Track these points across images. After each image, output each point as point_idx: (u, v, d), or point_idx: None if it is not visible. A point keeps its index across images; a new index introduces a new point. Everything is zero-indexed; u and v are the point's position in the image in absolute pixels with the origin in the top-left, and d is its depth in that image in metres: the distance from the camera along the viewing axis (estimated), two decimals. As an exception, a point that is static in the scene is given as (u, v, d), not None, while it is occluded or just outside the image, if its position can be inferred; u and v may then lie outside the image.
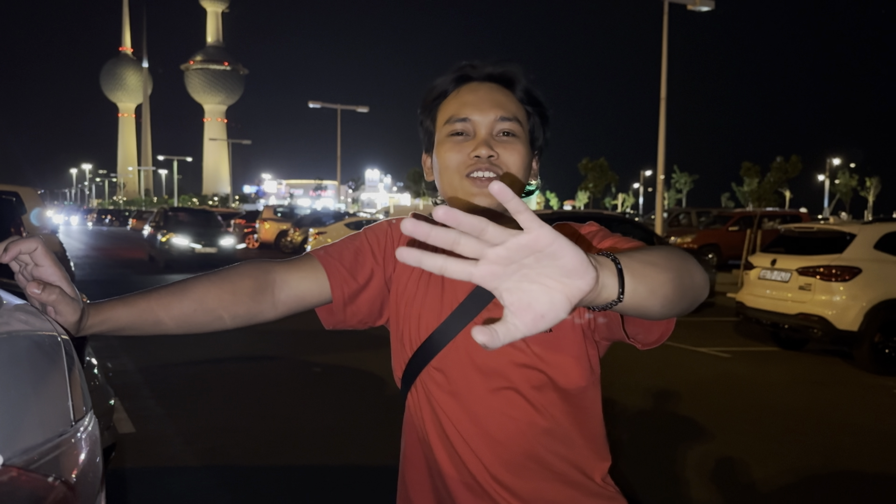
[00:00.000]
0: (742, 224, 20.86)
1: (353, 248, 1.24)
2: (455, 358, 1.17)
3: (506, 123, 1.19)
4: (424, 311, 1.20)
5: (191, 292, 1.09)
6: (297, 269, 1.19)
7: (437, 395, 1.18)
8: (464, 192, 1.17)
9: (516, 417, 1.15)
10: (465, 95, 1.21)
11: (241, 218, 32.50)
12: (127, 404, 5.54)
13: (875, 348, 7.66)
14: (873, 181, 75.51)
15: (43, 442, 0.71)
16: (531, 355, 1.16)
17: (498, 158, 1.17)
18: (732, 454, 4.85)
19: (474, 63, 1.24)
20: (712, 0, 18.34)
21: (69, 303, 0.96)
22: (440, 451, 1.19)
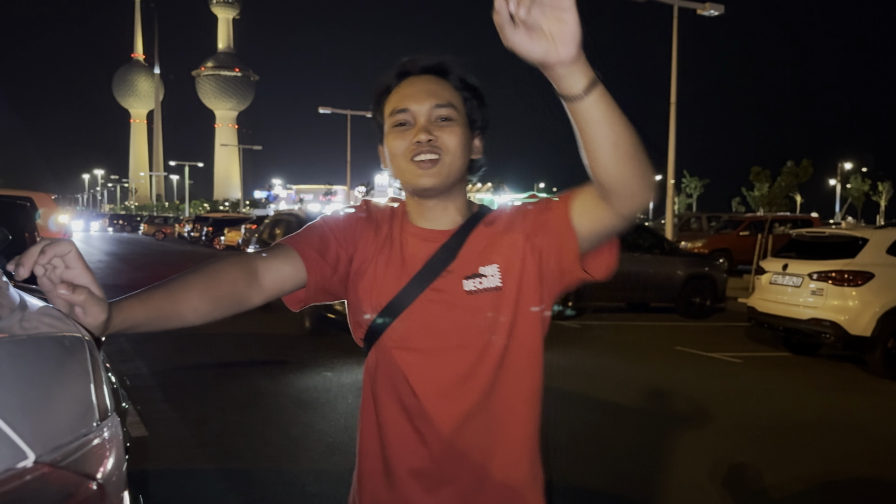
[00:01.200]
0: (753, 229, 20.76)
1: (318, 234, 1.37)
2: (413, 318, 1.31)
3: (442, 109, 1.32)
4: (386, 279, 1.34)
5: (194, 285, 1.18)
6: (274, 256, 1.31)
7: (396, 353, 1.32)
8: (410, 174, 1.31)
9: (463, 372, 1.30)
10: (405, 89, 1.34)
11: (252, 223, 32.63)
12: (140, 408, 5.57)
13: (888, 353, 7.61)
14: (885, 186, 74.98)
15: (71, 440, 0.73)
16: (481, 317, 1.30)
17: (437, 141, 1.30)
18: (745, 460, 4.83)
19: (413, 59, 1.38)
20: (721, 4, 18.32)
21: (97, 303, 1.00)
22: (391, 403, 1.32)
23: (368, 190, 79.00)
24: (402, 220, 1.41)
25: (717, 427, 5.57)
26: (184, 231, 44.11)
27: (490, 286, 1.31)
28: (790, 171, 21.45)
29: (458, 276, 1.32)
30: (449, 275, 1.32)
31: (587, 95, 1.00)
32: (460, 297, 1.31)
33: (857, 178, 72.41)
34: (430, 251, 1.35)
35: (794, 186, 22.09)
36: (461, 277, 1.32)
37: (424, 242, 1.36)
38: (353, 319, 1.39)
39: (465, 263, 1.33)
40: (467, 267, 1.33)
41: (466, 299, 1.31)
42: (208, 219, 40.19)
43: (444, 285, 1.32)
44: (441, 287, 1.31)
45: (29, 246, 4.22)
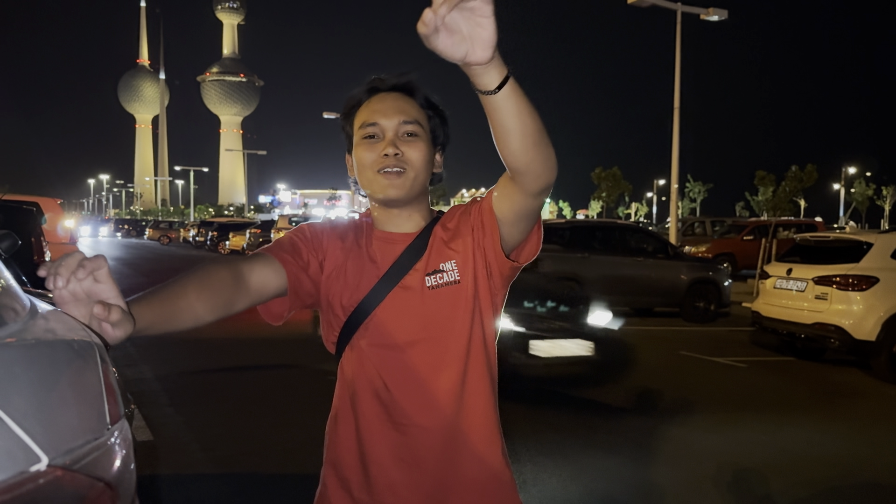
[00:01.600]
0: (757, 233, 20.74)
1: (289, 242, 1.45)
2: (384, 315, 1.40)
3: (408, 126, 1.41)
4: (356, 280, 1.43)
5: (189, 289, 1.22)
6: (256, 262, 1.37)
7: (368, 349, 1.41)
8: (377, 185, 1.41)
9: (433, 363, 1.39)
10: (375, 104, 1.43)
11: (256, 227, 32.72)
12: (145, 412, 5.59)
13: (893, 358, 7.59)
14: (889, 190, 74.80)
15: (83, 443, 0.74)
16: (443, 310, 1.41)
17: (403, 155, 1.39)
18: (749, 465, 4.83)
19: (382, 77, 1.47)
20: (724, 9, 18.33)
21: (128, 320, 1.01)
22: (367, 397, 1.41)
23: (372, 194, 78.80)
24: (367, 227, 1.51)
25: (721, 432, 5.56)
26: (189, 236, 44.23)
27: (450, 280, 1.41)
28: (794, 176, 21.43)
29: (421, 273, 1.42)
30: (415, 272, 1.42)
31: (500, 90, 1.10)
32: (423, 292, 1.41)
33: (862, 183, 72.23)
34: (396, 252, 1.44)
35: (799, 191, 22.06)
36: (423, 274, 1.42)
37: (391, 245, 1.46)
38: (326, 322, 1.49)
39: (427, 261, 1.43)
40: (430, 264, 1.43)
41: (429, 294, 1.41)
42: (213, 223, 40.28)
43: (410, 282, 1.41)
44: (407, 284, 1.41)
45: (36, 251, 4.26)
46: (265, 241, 30.27)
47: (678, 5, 18.04)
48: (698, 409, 6.29)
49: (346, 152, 1.52)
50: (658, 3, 17.71)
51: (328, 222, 1.54)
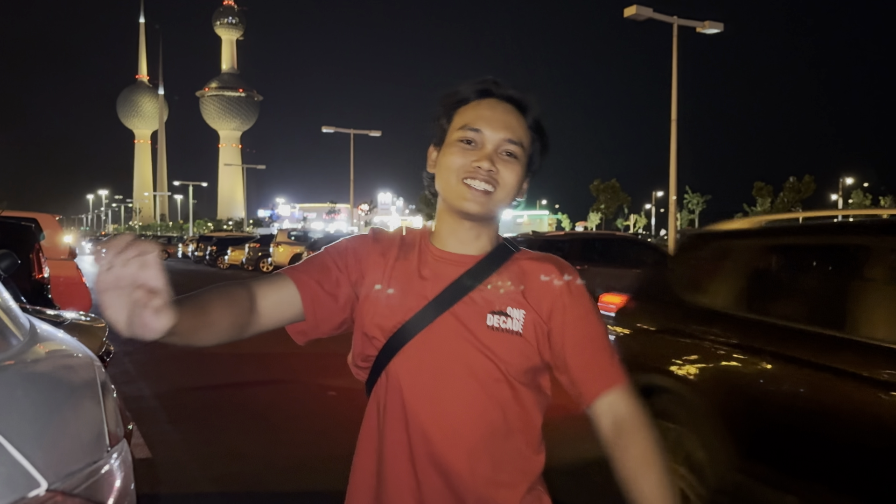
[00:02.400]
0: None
1: (317, 264, 1.34)
2: (428, 343, 1.28)
3: (511, 145, 1.31)
4: (400, 300, 1.31)
5: (213, 305, 1.15)
6: (271, 284, 1.29)
7: (405, 377, 1.28)
8: (457, 194, 1.30)
9: (471, 403, 1.27)
10: (484, 110, 1.32)
11: (255, 242, 32.73)
12: (143, 429, 5.57)
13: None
14: (887, 200, 74.92)
15: (83, 467, 0.74)
16: (492, 351, 1.28)
17: (497, 174, 1.29)
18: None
19: (498, 81, 1.35)
20: (720, 22, 18.46)
21: (168, 310, 0.93)
22: (396, 429, 1.29)
23: (371, 207, 79.19)
24: (421, 242, 1.38)
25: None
26: (187, 251, 44.25)
27: (512, 329, 1.29)
28: (792, 187, 21.50)
29: (482, 307, 1.29)
30: (472, 303, 1.29)
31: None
32: (481, 329, 1.28)
33: (859, 193, 72.38)
34: (454, 274, 1.31)
35: (797, 202, 22.09)
36: (486, 310, 1.29)
37: (448, 265, 1.33)
38: (360, 343, 1.35)
39: (492, 296, 1.30)
40: (494, 301, 1.30)
41: (487, 333, 1.28)
42: (212, 238, 40.32)
43: (466, 313, 1.29)
44: (462, 314, 1.29)
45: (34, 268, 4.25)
46: (264, 255, 30.31)
47: (674, 19, 18.18)
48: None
49: (433, 144, 1.39)
50: (655, 16, 17.82)
51: (371, 235, 1.41)
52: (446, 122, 1.35)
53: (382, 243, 1.38)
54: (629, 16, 17.63)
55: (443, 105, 1.37)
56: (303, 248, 27.83)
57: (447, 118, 1.36)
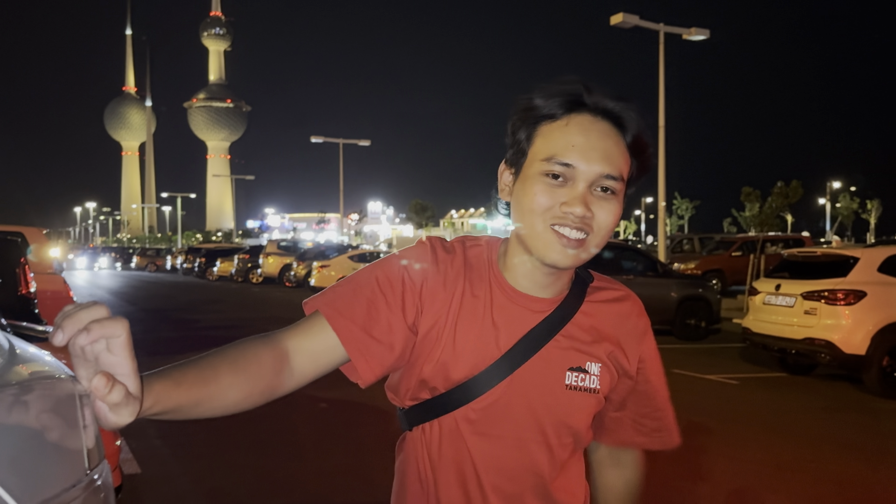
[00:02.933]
0: (745, 249, 20.84)
1: (365, 301, 1.10)
2: (499, 401, 1.12)
3: (609, 181, 1.07)
4: (469, 349, 1.12)
5: (224, 373, 0.97)
6: (305, 332, 1.09)
7: (469, 436, 1.13)
8: (543, 242, 1.08)
9: (536, 470, 1.15)
10: (574, 136, 1.07)
11: (244, 253, 32.61)
12: (133, 444, 5.51)
13: (883, 372, 7.61)
14: (874, 204, 75.60)
15: (60, 492, 0.72)
16: (569, 414, 1.15)
17: (591, 219, 1.07)
18: (743, 483, 4.80)
19: (590, 87, 1.10)
20: (707, 28, 18.59)
21: (129, 404, 0.80)
22: (454, 489, 1.15)
23: (361, 217, 79.19)
24: (491, 273, 1.16)
25: (713, 450, 5.54)
26: (176, 263, 44.05)
27: (590, 386, 1.15)
28: (780, 192, 21.65)
29: (560, 363, 1.14)
30: (549, 358, 1.13)
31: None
32: (559, 389, 1.14)
33: (847, 197, 72.98)
34: (529, 321, 1.13)
35: (785, 206, 22.26)
36: (565, 367, 1.14)
37: (522, 310, 1.14)
38: (412, 384, 1.16)
39: (570, 350, 1.15)
40: (572, 355, 1.15)
41: (564, 394, 1.14)
42: (201, 250, 40.14)
43: (543, 370, 1.13)
44: (538, 371, 1.12)
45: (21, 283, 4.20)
46: (253, 266, 30.19)
47: (661, 26, 18.28)
48: (691, 428, 6.26)
49: (505, 162, 1.16)
50: (641, 24, 17.93)
51: (431, 254, 1.15)
52: (526, 142, 1.11)
53: (444, 268, 1.15)
54: (616, 23, 17.72)
55: (520, 117, 1.12)
56: (292, 258, 27.74)
57: (527, 136, 1.11)
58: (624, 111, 1.10)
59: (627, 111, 1.10)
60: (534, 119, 1.10)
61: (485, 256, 1.18)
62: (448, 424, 1.14)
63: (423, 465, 1.17)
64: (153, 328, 13.70)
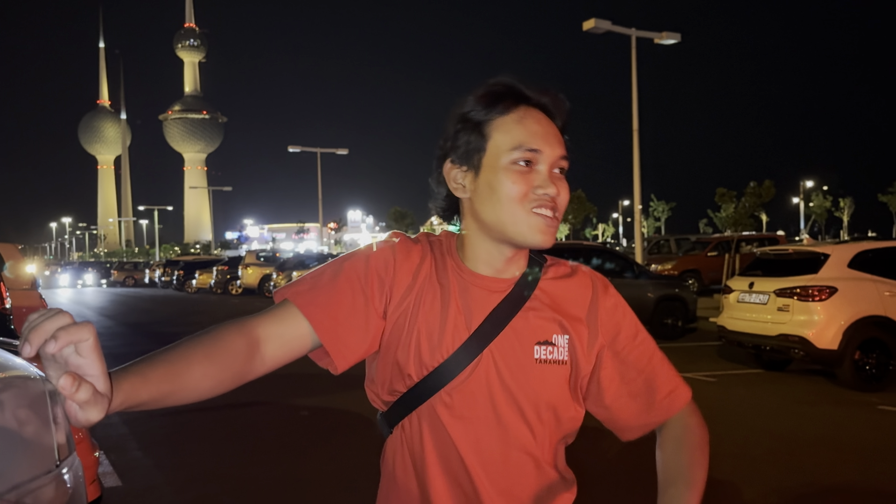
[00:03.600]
0: (720, 249, 21.10)
1: (336, 290, 1.14)
2: (472, 381, 1.15)
3: (564, 161, 1.17)
4: (438, 333, 1.15)
5: (195, 360, 1.00)
6: (277, 321, 1.11)
7: (449, 421, 1.16)
8: (529, 226, 1.13)
9: (519, 446, 1.18)
10: (532, 124, 1.15)
11: (223, 264, 32.39)
12: (113, 457, 5.47)
13: (856, 365, 7.76)
14: (847, 202, 76.74)
15: (31, 479, 0.75)
16: (542, 387, 1.18)
17: (558, 196, 1.15)
18: (721, 477, 4.87)
19: (525, 83, 1.18)
20: (678, 32, 18.83)
21: (97, 402, 0.83)
22: (441, 478, 1.17)
23: (340, 226, 78.88)
24: (451, 260, 1.22)
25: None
26: (155, 276, 43.63)
27: (558, 358, 1.19)
28: (753, 192, 21.96)
29: (527, 338, 1.18)
30: (516, 334, 1.17)
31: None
32: (529, 363, 1.17)
33: (819, 196, 74.00)
34: (491, 301, 1.18)
35: (759, 206, 22.57)
36: (532, 342, 1.18)
37: (484, 291, 1.18)
38: (388, 375, 1.19)
39: (535, 325, 1.19)
40: (537, 329, 1.18)
41: (535, 367, 1.17)
42: (179, 262, 39.79)
43: (511, 346, 1.17)
44: (506, 348, 1.16)
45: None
46: (233, 277, 29.98)
47: (632, 30, 18.48)
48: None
49: (451, 161, 1.19)
50: (613, 29, 18.12)
51: (398, 248, 1.20)
52: (480, 139, 1.16)
53: (411, 257, 1.19)
54: (588, 29, 17.89)
55: (466, 119, 1.18)
56: (272, 268, 27.61)
57: (479, 133, 1.16)
58: (554, 102, 1.19)
59: (557, 101, 1.19)
60: (483, 117, 1.16)
61: (444, 247, 1.24)
62: (427, 414, 1.16)
63: (406, 464, 1.20)
64: (133, 342, 13.59)
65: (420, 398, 1.16)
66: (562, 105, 1.20)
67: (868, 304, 7.88)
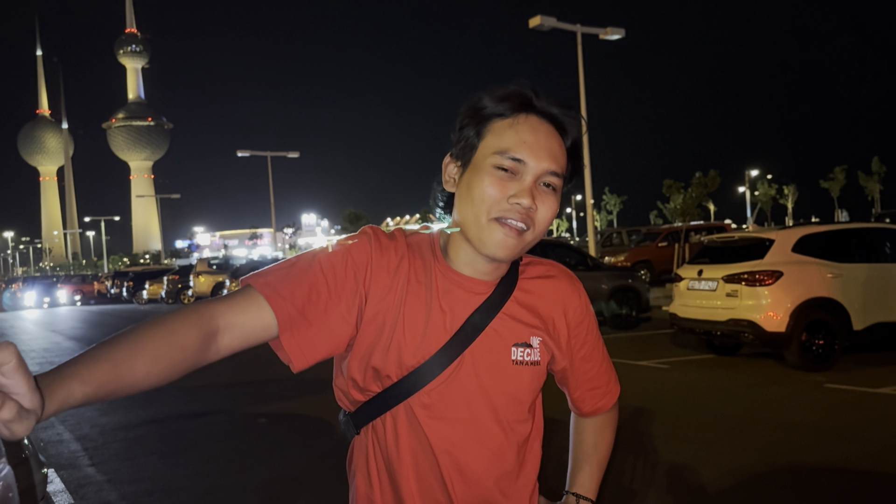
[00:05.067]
0: (670, 239, 21.53)
1: (306, 284, 1.10)
2: (452, 383, 1.16)
3: (553, 177, 1.15)
4: (418, 333, 1.15)
5: (143, 351, 0.96)
6: (240, 310, 1.06)
7: (426, 421, 1.16)
8: (487, 234, 1.13)
9: (495, 448, 1.20)
10: (525, 133, 1.13)
11: (174, 274, 31.76)
12: (65, 475, 5.32)
13: (802, 346, 7.99)
14: (790, 189, 79.05)
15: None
16: (518, 389, 1.21)
17: (535, 211, 1.13)
18: (678, 461, 4.98)
19: (538, 92, 1.17)
20: (622, 28, 19.12)
21: (23, 419, 0.81)
22: (415, 479, 1.18)
23: (295, 230, 78.01)
24: (435, 260, 1.20)
25: (648, 432, 5.72)
26: (104, 288, 42.53)
27: (534, 360, 1.22)
28: (699, 182, 22.44)
29: (504, 340, 1.19)
30: (495, 337, 1.18)
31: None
32: (506, 366, 1.19)
33: (764, 184, 76.07)
34: (472, 303, 1.18)
35: (705, 196, 23.06)
36: (510, 343, 1.20)
37: (465, 293, 1.18)
38: (360, 375, 1.17)
39: (513, 327, 1.21)
40: (516, 331, 1.21)
41: (511, 369, 1.19)
42: (128, 273, 38.88)
43: (490, 349, 1.18)
44: (485, 350, 1.18)
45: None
46: (184, 286, 29.43)
47: (577, 27, 18.71)
48: (625, 412, 6.45)
49: (451, 155, 1.20)
50: (559, 25, 18.31)
51: (374, 242, 1.17)
52: (475, 137, 1.16)
53: (388, 254, 1.17)
54: (534, 26, 18.05)
55: (470, 114, 1.18)
56: (225, 276, 27.19)
57: (476, 132, 1.16)
58: (566, 117, 1.18)
59: (570, 118, 1.19)
60: (484, 117, 1.16)
61: (427, 244, 1.22)
62: (403, 415, 1.16)
63: (378, 465, 1.20)
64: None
65: (397, 398, 1.15)
66: (574, 121, 1.19)
67: (813, 286, 8.13)
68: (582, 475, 1.41)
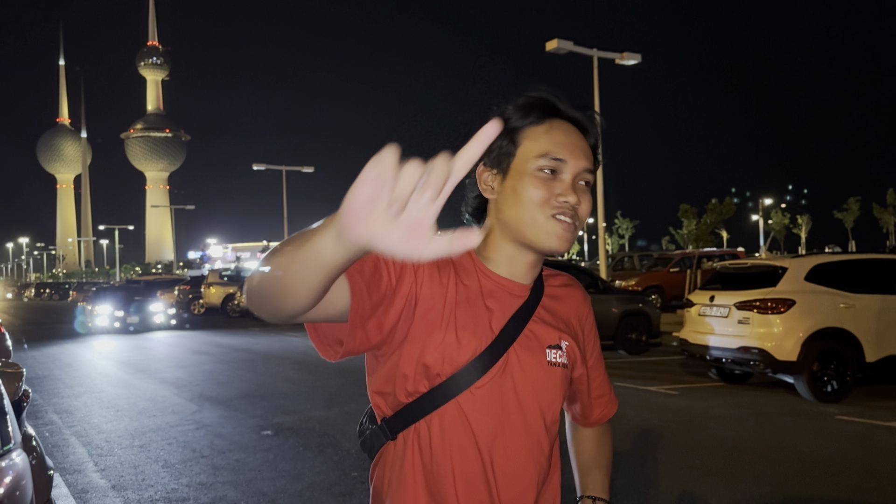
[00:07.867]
0: (682, 265, 21.44)
1: (372, 261, 1.10)
2: (495, 382, 1.19)
3: (588, 174, 1.22)
4: (469, 333, 1.18)
5: None
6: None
7: (473, 417, 1.18)
8: (548, 229, 1.18)
9: (532, 447, 1.24)
10: (559, 135, 1.21)
11: (185, 284, 31.89)
12: (69, 479, 5.33)
13: (814, 377, 7.91)
14: (804, 218, 78.65)
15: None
16: (555, 390, 1.27)
17: (579, 206, 1.20)
18: (685, 489, 4.92)
19: (559, 97, 1.24)
20: (638, 53, 19.20)
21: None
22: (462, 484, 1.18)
23: (306, 245, 78.02)
24: (474, 264, 1.25)
25: (655, 458, 5.66)
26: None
27: (563, 362, 1.28)
28: (714, 209, 22.40)
29: (540, 342, 1.25)
30: (532, 338, 1.24)
31: None
32: (543, 367, 1.25)
33: (778, 213, 75.73)
34: (512, 305, 1.24)
35: (720, 222, 23.03)
36: (545, 345, 1.26)
37: (506, 294, 1.24)
38: (408, 376, 1.18)
39: (546, 329, 1.27)
40: (547, 334, 1.27)
41: (546, 371, 1.25)
42: (140, 282, 39.03)
43: (529, 349, 1.23)
44: (525, 351, 1.23)
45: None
46: (195, 297, 29.54)
47: (594, 51, 18.78)
48: (632, 438, 6.39)
49: (484, 164, 1.24)
50: (575, 49, 18.40)
51: None
52: (511, 145, 1.22)
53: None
54: (551, 49, 18.14)
55: (504, 126, 1.21)
56: (235, 287, 27.29)
57: (511, 140, 1.22)
58: (586, 118, 1.26)
59: (589, 118, 1.26)
60: (515, 125, 1.22)
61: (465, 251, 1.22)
62: (450, 413, 1.18)
63: (415, 470, 1.19)
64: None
65: (446, 396, 1.17)
66: (594, 122, 1.27)
67: (825, 315, 8.06)
68: (593, 479, 1.47)
